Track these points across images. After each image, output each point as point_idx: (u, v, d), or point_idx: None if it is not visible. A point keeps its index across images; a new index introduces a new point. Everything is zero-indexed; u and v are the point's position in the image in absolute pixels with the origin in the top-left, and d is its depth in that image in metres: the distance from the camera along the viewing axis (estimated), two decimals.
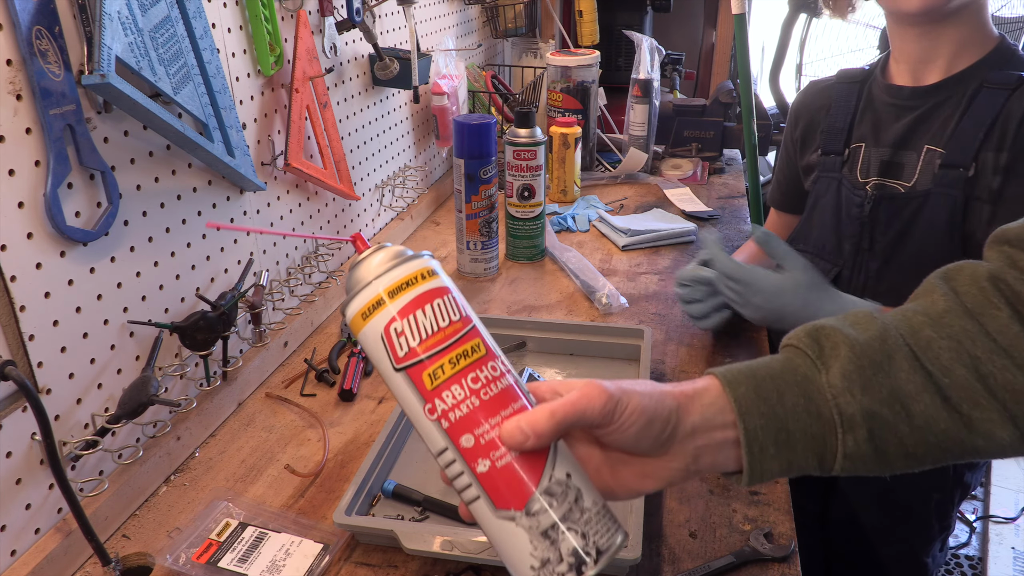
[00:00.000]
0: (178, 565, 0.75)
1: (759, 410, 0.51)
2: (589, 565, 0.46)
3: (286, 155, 1.11)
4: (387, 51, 1.36)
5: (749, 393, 0.52)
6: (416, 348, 0.47)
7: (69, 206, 0.75)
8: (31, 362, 0.72)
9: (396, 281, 0.48)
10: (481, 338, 0.49)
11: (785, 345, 0.56)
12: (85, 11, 0.73)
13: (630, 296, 1.31)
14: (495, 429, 0.47)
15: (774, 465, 0.52)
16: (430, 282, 0.49)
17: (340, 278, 1.29)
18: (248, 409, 1.03)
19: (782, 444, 0.51)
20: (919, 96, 0.99)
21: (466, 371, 0.48)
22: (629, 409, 0.49)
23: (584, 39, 2.13)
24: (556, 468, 0.48)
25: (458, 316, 0.49)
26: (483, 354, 0.49)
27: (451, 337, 0.48)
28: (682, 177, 1.89)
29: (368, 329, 0.48)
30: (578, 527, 0.47)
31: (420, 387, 0.48)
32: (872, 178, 1.02)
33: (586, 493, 0.48)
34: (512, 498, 0.46)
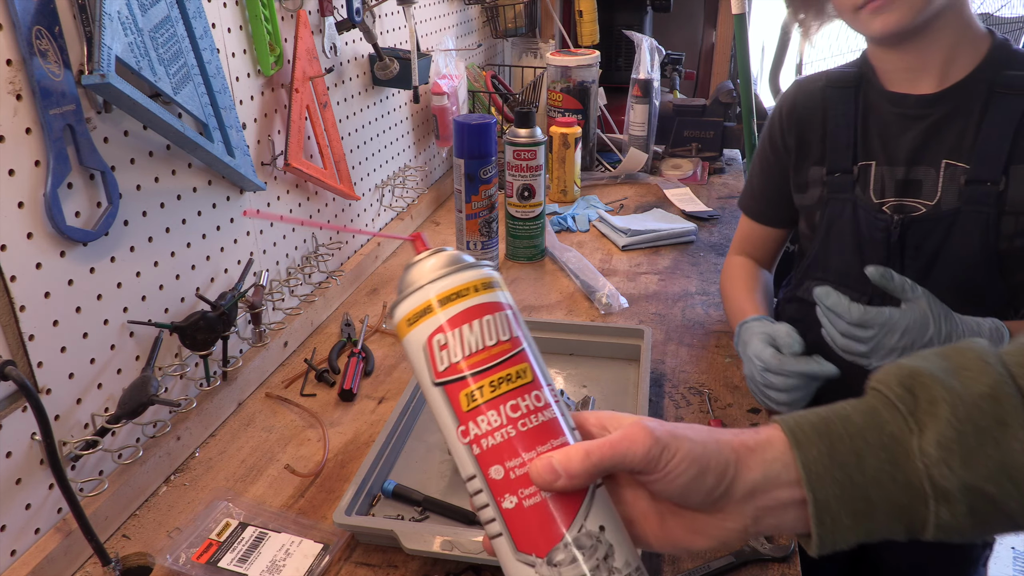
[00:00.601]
0: (178, 565, 0.75)
1: (833, 477, 0.44)
2: None
3: (286, 155, 1.11)
4: (387, 51, 1.36)
5: (822, 457, 0.45)
6: (458, 364, 0.44)
7: (69, 206, 0.75)
8: (31, 362, 0.72)
9: (448, 289, 0.45)
10: (529, 363, 0.45)
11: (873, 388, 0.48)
12: (85, 11, 0.73)
13: (630, 296, 1.30)
14: (528, 464, 0.43)
15: (850, 535, 0.45)
16: (484, 295, 0.46)
17: (340, 278, 1.29)
18: (248, 409, 1.03)
19: (860, 514, 0.44)
20: (925, 105, 0.92)
21: (506, 397, 0.44)
22: (678, 457, 0.44)
23: (584, 39, 2.13)
24: (589, 518, 0.43)
25: (507, 336, 0.45)
26: (528, 381, 0.45)
27: (496, 358, 0.44)
28: (682, 177, 1.89)
29: (412, 336, 0.46)
30: None
31: (456, 406, 0.44)
32: (889, 198, 0.94)
33: (619, 551, 0.43)
34: (535, 543, 0.43)
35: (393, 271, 1.44)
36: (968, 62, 0.90)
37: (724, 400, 1.02)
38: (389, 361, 1.14)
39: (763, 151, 1.11)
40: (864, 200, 0.96)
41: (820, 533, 0.45)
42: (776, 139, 1.07)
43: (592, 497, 0.44)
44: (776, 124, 1.07)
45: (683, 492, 0.44)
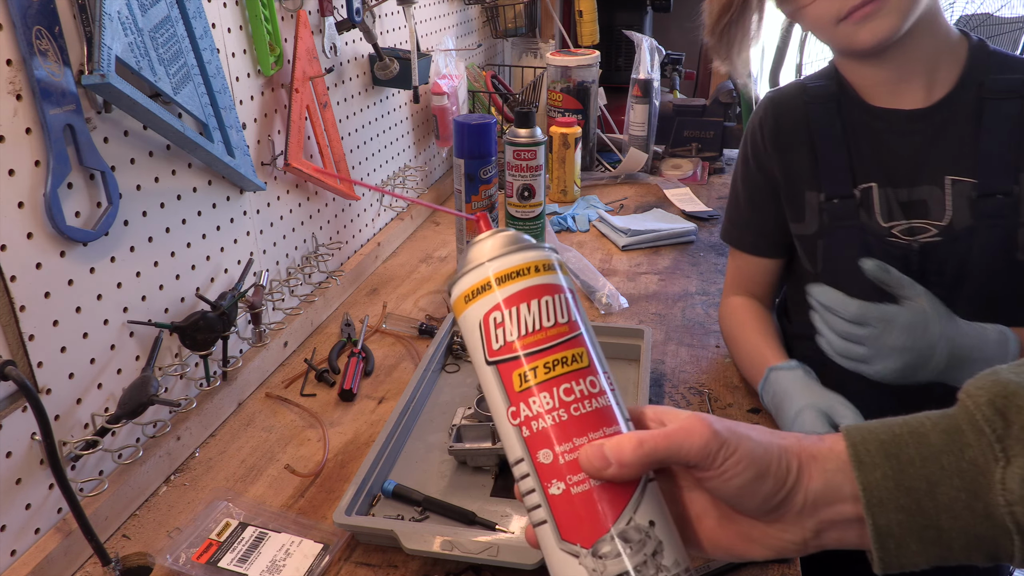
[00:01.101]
0: (178, 565, 0.75)
1: (897, 503, 0.41)
2: None
3: (286, 155, 1.11)
4: (387, 51, 1.36)
5: (886, 481, 0.42)
6: (513, 343, 0.43)
7: (69, 206, 0.75)
8: (31, 362, 0.72)
9: (508, 268, 0.44)
10: (586, 348, 0.45)
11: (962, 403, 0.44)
12: (85, 11, 0.73)
13: (630, 296, 1.30)
14: (578, 450, 0.42)
15: (919, 560, 0.42)
16: (544, 276, 0.45)
17: (340, 278, 1.30)
18: (248, 409, 1.03)
19: (930, 541, 0.42)
20: (917, 120, 0.87)
21: (560, 380, 0.43)
22: (737, 455, 0.41)
23: (584, 39, 2.13)
24: (639, 511, 0.41)
25: (566, 319, 0.44)
26: (584, 365, 0.44)
27: (553, 339, 0.43)
28: (682, 177, 1.89)
29: (469, 313, 0.45)
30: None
31: (508, 386, 0.43)
32: (897, 222, 0.89)
33: (669, 549, 0.41)
34: (581, 532, 0.41)
35: (393, 271, 1.44)
36: (951, 69, 0.86)
37: (724, 400, 1.02)
38: (389, 361, 1.14)
39: (746, 175, 1.02)
40: (872, 225, 0.89)
41: (883, 557, 0.42)
42: (762, 161, 0.98)
43: (643, 491, 0.42)
44: (759, 147, 0.98)
45: (739, 494, 0.42)
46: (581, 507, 0.41)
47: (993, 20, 2.04)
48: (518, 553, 0.71)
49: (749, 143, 1.00)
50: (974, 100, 0.86)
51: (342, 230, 1.36)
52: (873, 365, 0.80)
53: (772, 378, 0.91)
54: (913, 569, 0.43)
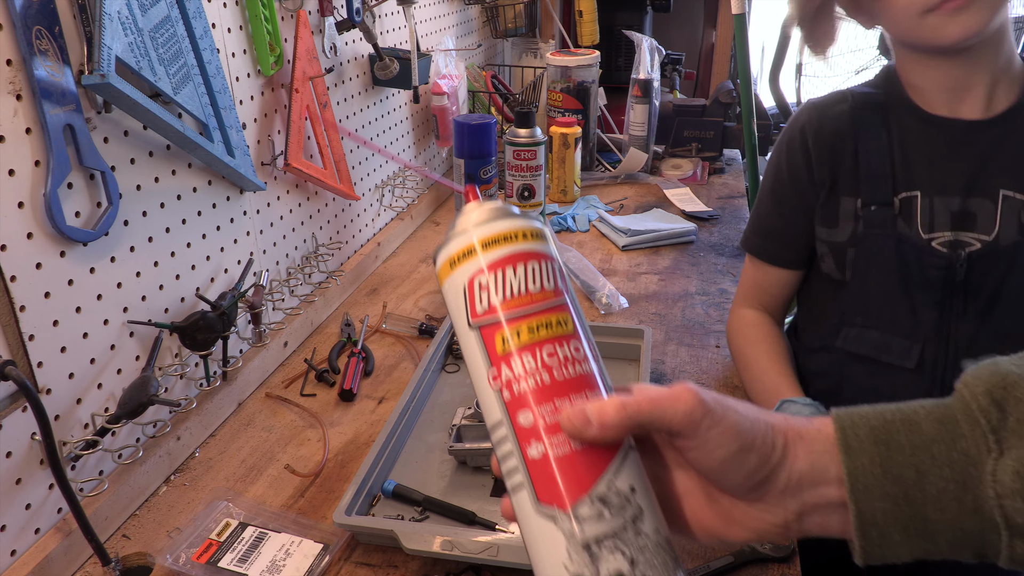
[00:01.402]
0: (178, 565, 0.75)
1: (883, 491, 0.40)
2: None
3: (286, 155, 1.11)
4: (387, 51, 1.36)
5: (873, 467, 0.40)
6: (496, 306, 0.43)
7: (69, 206, 0.75)
8: (31, 362, 0.72)
9: (493, 233, 0.44)
10: (571, 315, 0.43)
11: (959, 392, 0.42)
12: (85, 11, 0.73)
13: (630, 296, 1.30)
14: (559, 413, 0.41)
15: (902, 552, 0.41)
16: (530, 243, 0.44)
17: (340, 278, 1.30)
18: (248, 409, 1.03)
19: (916, 533, 0.40)
20: (977, 131, 0.85)
21: (543, 343, 0.42)
22: (722, 426, 0.40)
23: (584, 39, 2.13)
24: (620, 477, 0.40)
25: (552, 285, 0.43)
26: (569, 331, 0.42)
27: (537, 303, 0.42)
28: (682, 177, 1.89)
29: (453, 278, 0.44)
30: (628, 550, 0.39)
31: (490, 349, 0.43)
32: (941, 233, 0.86)
33: (649, 517, 0.40)
34: (559, 495, 0.40)
35: (393, 271, 1.44)
36: (1010, 88, 0.85)
37: None
38: (389, 361, 1.14)
39: (778, 184, 0.98)
40: (911, 236, 0.87)
41: (865, 546, 0.41)
42: (799, 170, 0.95)
43: (625, 458, 0.41)
44: (798, 153, 0.95)
45: (721, 468, 0.41)
46: (560, 470, 0.40)
47: None
48: (518, 553, 0.71)
49: (785, 149, 0.97)
50: None
51: (342, 230, 1.36)
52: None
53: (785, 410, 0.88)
54: (895, 561, 0.42)
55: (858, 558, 0.42)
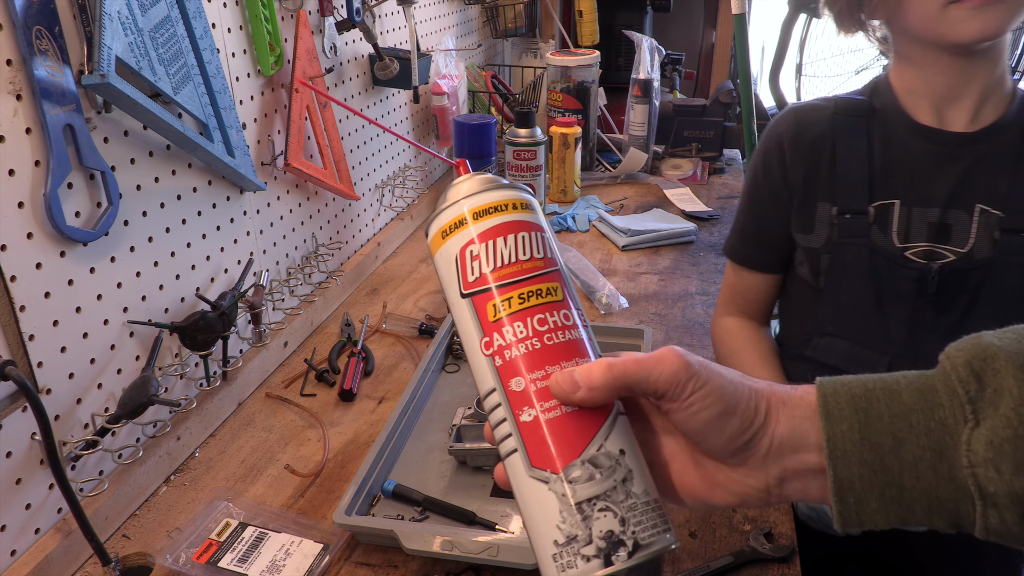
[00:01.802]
0: (178, 565, 0.75)
1: (861, 457, 0.41)
2: (621, 556, 0.39)
3: (286, 155, 1.11)
4: (387, 51, 1.36)
5: (852, 434, 0.41)
6: (487, 275, 0.44)
7: (69, 206, 0.75)
8: (31, 362, 0.72)
9: (484, 204, 0.45)
10: (561, 283, 0.45)
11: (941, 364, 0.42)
12: (85, 11, 0.73)
13: (630, 296, 1.30)
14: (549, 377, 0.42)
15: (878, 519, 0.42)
16: (521, 213, 0.45)
17: (340, 278, 1.29)
18: (248, 409, 1.03)
19: (892, 500, 0.41)
20: (963, 144, 0.85)
21: (534, 310, 0.43)
22: (705, 389, 0.41)
23: (584, 39, 2.13)
24: (610, 440, 0.41)
25: (541, 255, 0.44)
26: (558, 299, 0.44)
27: (528, 272, 0.44)
28: (682, 177, 1.89)
29: (445, 249, 0.45)
30: (619, 510, 0.40)
31: (482, 317, 0.43)
32: (916, 243, 0.86)
33: (638, 478, 0.41)
34: (551, 457, 0.41)
35: (393, 271, 1.44)
36: (998, 105, 0.85)
37: None
38: (389, 361, 1.14)
39: (755, 188, 0.98)
40: (884, 245, 0.87)
41: (842, 511, 0.42)
42: (774, 173, 0.95)
43: (614, 421, 0.42)
44: (774, 156, 0.94)
45: (705, 429, 0.42)
46: (552, 433, 0.41)
47: None
48: (518, 553, 0.71)
49: (762, 154, 0.97)
50: (1019, 139, 0.85)
51: (342, 230, 1.36)
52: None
53: None
54: (872, 528, 0.42)
55: (836, 524, 0.42)
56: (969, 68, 0.83)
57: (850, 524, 0.42)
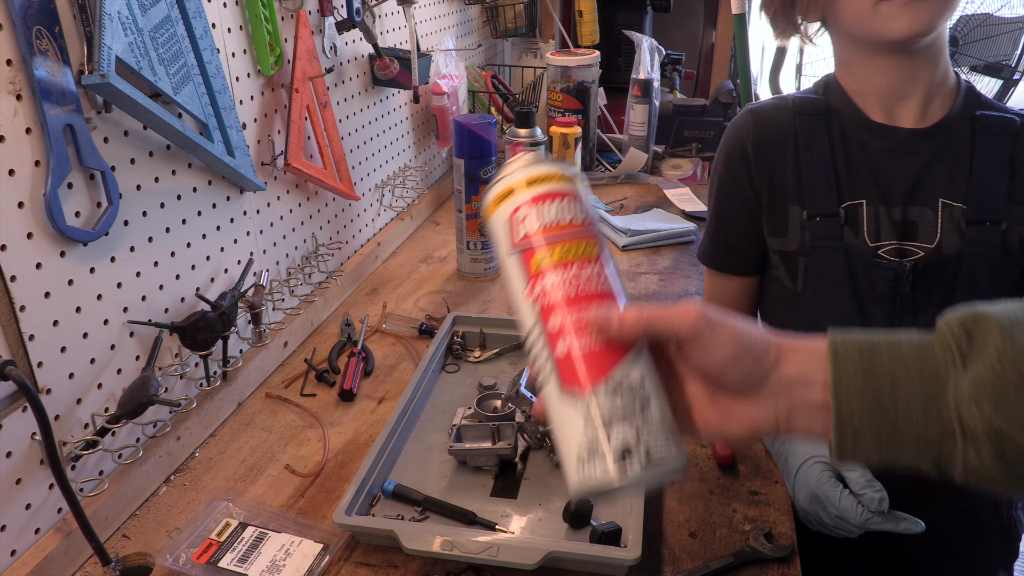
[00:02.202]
0: (178, 565, 0.75)
1: (862, 395, 0.46)
2: (635, 466, 0.44)
3: (286, 155, 1.11)
4: (387, 51, 1.36)
5: (856, 374, 0.46)
6: (533, 233, 0.50)
7: (69, 206, 0.75)
8: (31, 362, 0.72)
9: (535, 174, 0.52)
10: (599, 246, 0.51)
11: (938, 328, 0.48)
12: (85, 11, 0.73)
13: (630, 296, 1.30)
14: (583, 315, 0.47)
15: (872, 454, 0.47)
16: (567, 184, 0.52)
17: (340, 278, 1.29)
18: (248, 409, 1.03)
19: (885, 438, 0.46)
20: (917, 140, 0.86)
21: (572, 263, 0.49)
22: (723, 336, 0.47)
23: (584, 39, 2.13)
24: (632, 371, 0.47)
25: (582, 219, 0.51)
26: (594, 256, 0.50)
27: (568, 231, 0.50)
28: (682, 177, 1.89)
29: (498, 213, 0.52)
30: (635, 429, 0.45)
31: (527, 268, 0.50)
32: (886, 242, 0.86)
33: (655, 406, 0.47)
34: (579, 381, 0.46)
35: (393, 271, 1.44)
36: (945, 99, 0.87)
37: None
38: (389, 361, 1.14)
39: (721, 192, 0.97)
40: (857, 246, 0.87)
41: (839, 443, 0.46)
42: (741, 178, 0.94)
43: (637, 358, 0.47)
44: (738, 161, 0.93)
45: (721, 368, 0.48)
46: (581, 362, 0.47)
47: (993, 20, 2.04)
48: (518, 553, 0.71)
49: (724, 157, 0.96)
50: (968, 131, 0.86)
51: (342, 230, 1.36)
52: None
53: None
54: (864, 462, 0.47)
55: (833, 456, 0.47)
56: (910, 67, 0.84)
57: (845, 456, 0.47)
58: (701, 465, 0.90)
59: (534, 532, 0.79)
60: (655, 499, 0.84)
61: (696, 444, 0.94)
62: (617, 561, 0.71)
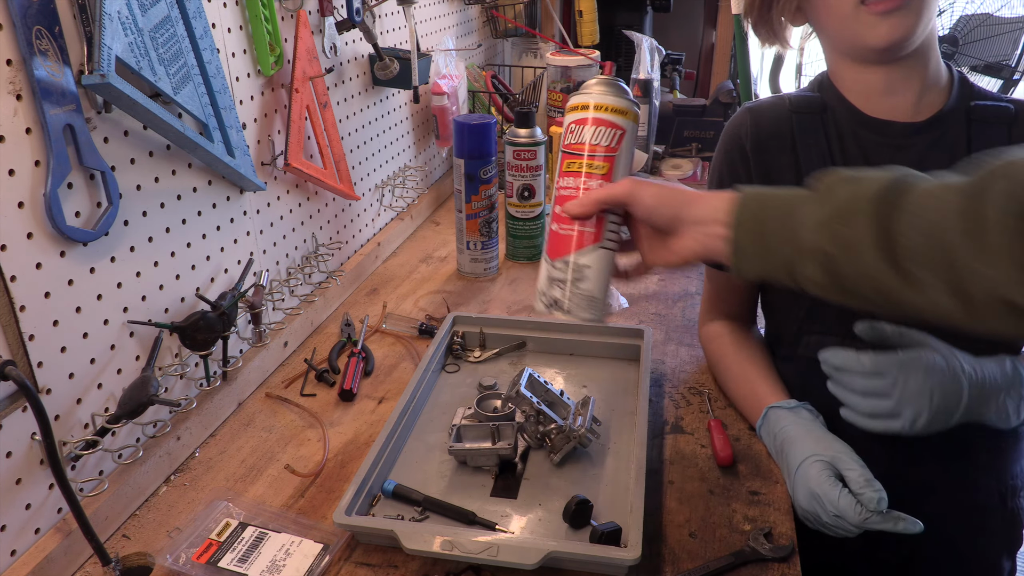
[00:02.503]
0: (178, 565, 0.75)
1: (747, 229, 0.65)
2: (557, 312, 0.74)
3: (286, 155, 1.11)
4: (387, 51, 1.36)
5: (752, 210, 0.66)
6: (574, 144, 0.74)
7: (69, 206, 0.75)
8: (31, 362, 0.72)
9: (604, 103, 0.73)
10: (611, 165, 0.73)
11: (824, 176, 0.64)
12: (85, 11, 0.73)
13: (630, 296, 1.30)
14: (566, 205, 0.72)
15: (756, 269, 0.66)
16: (617, 117, 0.72)
17: (340, 278, 1.29)
18: (248, 409, 1.03)
19: (761, 258, 0.65)
20: (912, 134, 0.87)
21: (583, 173, 0.73)
22: (647, 191, 0.69)
23: (584, 39, 2.13)
24: (581, 257, 0.73)
25: (613, 145, 0.72)
26: (603, 172, 0.72)
27: (596, 151, 0.73)
28: (682, 177, 1.89)
29: (567, 117, 0.75)
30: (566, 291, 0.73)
31: (562, 166, 0.74)
32: None
33: (589, 281, 0.73)
34: (550, 252, 0.74)
35: (393, 271, 1.44)
36: (939, 94, 0.88)
37: (724, 400, 1.02)
38: (389, 361, 1.14)
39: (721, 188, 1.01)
40: None
41: (734, 263, 0.67)
42: (739, 176, 0.95)
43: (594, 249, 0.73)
44: (737, 159, 0.95)
45: (650, 214, 0.70)
46: (554, 240, 0.74)
47: (993, 20, 2.04)
48: (518, 553, 0.71)
49: (724, 155, 0.97)
50: (964, 122, 0.87)
51: (342, 230, 1.36)
52: (903, 417, 0.77)
53: (772, 418, 0.89)
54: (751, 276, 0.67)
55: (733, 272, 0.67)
56: (898, 69, 0.86)
57: (740, 272, 0.67)
58: (701, 465, 0.90)
59: (534, 532, 0.79)
60: (655, 499, 0.84)
61: (697, 444, 0.94)
62: (617, 561, 0.71)
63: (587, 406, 0.91)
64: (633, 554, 0.70)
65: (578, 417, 0.89)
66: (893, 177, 0.61)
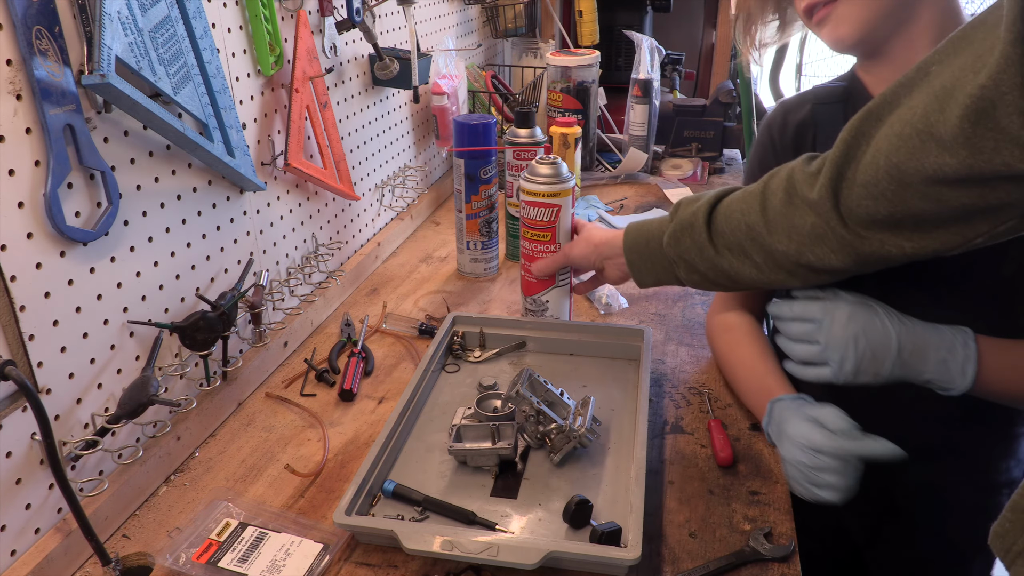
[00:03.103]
0: (178, 565, 0.75)
1: (638, 251, 0.94)
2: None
3: (286, 155, 1.11)
4: (387, 51, 1.36)
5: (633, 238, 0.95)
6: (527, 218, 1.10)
7: (69, 206, 0.75)
8: (31, 362, 0.72)
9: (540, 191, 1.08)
10: (553, 232, 1.09)
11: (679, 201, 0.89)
12: (85, 11, 0.73)
13: (630, 296, 1.30)
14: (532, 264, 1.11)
15: (648, 280, 0.94)
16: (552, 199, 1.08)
17: (340, 278, 1.29)
18: (248, 409, 1.03)
19: (649, 271, 0.93)
20: None
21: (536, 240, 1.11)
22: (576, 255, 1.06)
23: (584, 39, 2.13)
24: (545, 296, 1.12)
25: (552, 219, 1.08)
26: (548, 238, 1.09)
27: (539, 225, 1.09)
28: (682, 177, 1.89)
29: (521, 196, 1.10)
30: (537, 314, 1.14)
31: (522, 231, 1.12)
32: None
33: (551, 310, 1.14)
34: (524, 290, 1.14)
35: (393, 271, 1.44)
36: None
37: (724, 400, 1.02)
38: (389, 361, 1.14)
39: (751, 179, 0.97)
40: None
41: (636, 278, 0.95)
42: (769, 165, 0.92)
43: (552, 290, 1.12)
44: (767, 148, 0.99)
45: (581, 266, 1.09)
46: (527, 284, 1.13)
47: None
48: (518, 553, 0.71)
49: (758, 147, 1.01)
50: None
51: (342, 230, 1.36)
52: (831, 363, 0.79)
53: (773, 409, 0.89)
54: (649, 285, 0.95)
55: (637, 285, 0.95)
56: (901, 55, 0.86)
57: (641, 285, 0.95)
58: (701, 465, 0.90)
59: (534, 532, 0.79)
60: (655, 499, 0.84)
61: (697, 444, 0.94)
62: (617, 561, 0.71)
63: (587, 406, 0.91)
64: (633, 554, 0.70)
65: (578, 417, 0.89)
66: (717, 191, 0.85)
